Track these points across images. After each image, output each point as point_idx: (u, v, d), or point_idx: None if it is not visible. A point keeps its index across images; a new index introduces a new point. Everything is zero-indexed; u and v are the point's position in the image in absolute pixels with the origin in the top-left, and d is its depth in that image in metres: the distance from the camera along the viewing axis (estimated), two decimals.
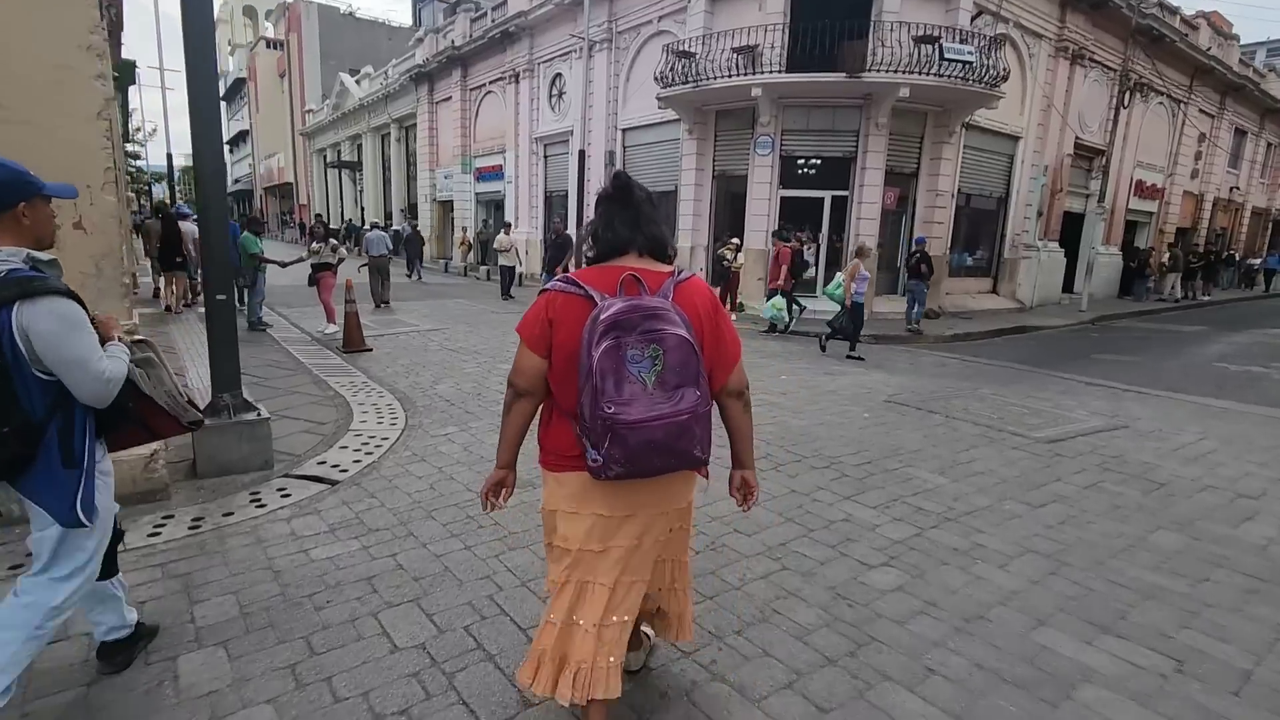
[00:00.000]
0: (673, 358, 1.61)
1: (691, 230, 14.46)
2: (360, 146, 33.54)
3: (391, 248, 14.52)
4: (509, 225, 16.54)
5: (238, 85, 62.56)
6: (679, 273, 1.80)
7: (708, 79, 12.60)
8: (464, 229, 23.08)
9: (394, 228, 25.90)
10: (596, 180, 16.84)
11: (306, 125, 41.67)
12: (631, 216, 1.80)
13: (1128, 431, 5.68)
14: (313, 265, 9.20)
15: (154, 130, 47.35)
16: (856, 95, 12.37)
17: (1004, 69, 12.32)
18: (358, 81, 33.51)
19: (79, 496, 1.88)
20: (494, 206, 23.81)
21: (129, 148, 47.88)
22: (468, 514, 3.58)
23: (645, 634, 2.25)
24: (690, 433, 1.64)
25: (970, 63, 11.77)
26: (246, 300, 9.40)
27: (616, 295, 1.66)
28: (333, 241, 9.21)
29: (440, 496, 3.83)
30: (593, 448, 1.65)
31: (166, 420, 2.14)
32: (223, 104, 70.87)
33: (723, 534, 3.41)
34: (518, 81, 20.09)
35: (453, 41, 22.66)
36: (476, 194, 23.75)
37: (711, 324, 1.79)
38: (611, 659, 1.81)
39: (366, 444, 4.72)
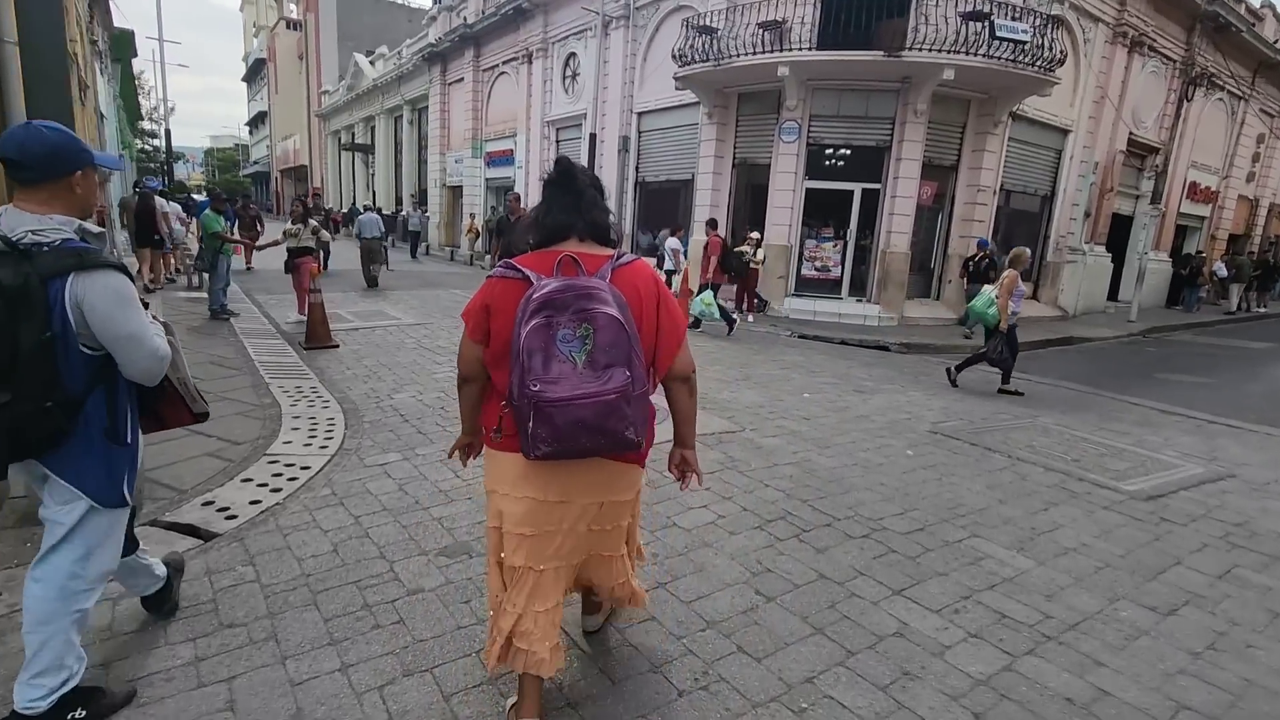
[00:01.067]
0: (603, 337, 1.60)
1: (703, 210, 13.33)
2: (373, 129, 32.71)
3: (384, 230, 13.93)
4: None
5: (258, 66, 62.14)
6: (620, 256, 1.79)
7: (730, 57, 11.48)
8: (471, 215, 22.13)
9: (402, 214, 25.08)
10: (610, 168, 15.79)
11: (322, 106, 40.95)
12: (573, 202, 1.79)
13: (1237, 483, 4.56)
14: (289, 250, 8.25)
15: (173, 108, 46.61)
16: (893, 78, 11.19)
17: (1060, 51, 11.07)
18: (372, 62, 32.67)
19: (126, 476, 1.91)
20: (504, 193, 22.82)
21: (145, 125, 47.66)
22: (366, 600, 2.57)
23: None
24: (619, 413, 1.61)
25: (1024, 43, 10.54)
26: (208, 285, 8.51)
27: (553, 275, 1.67)
28: (313, 223, 8.24)
29: (342, 566, 2.82)
30: (522, 428, 1.65)
31: (180, 408, 2.08)
32: (244, 85, 70.80)
33: (722, 656, 2.37)
34: (530, 62, 19.06)
35: (465, 19, 21.65)
36: (487, 179, 22.78)
37: (653, 307, 1.79)
38: (547, 644, 1.84)
39: (279, 475, 3.73)
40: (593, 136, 14.08)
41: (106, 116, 15.14)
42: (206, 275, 8.42)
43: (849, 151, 12.16)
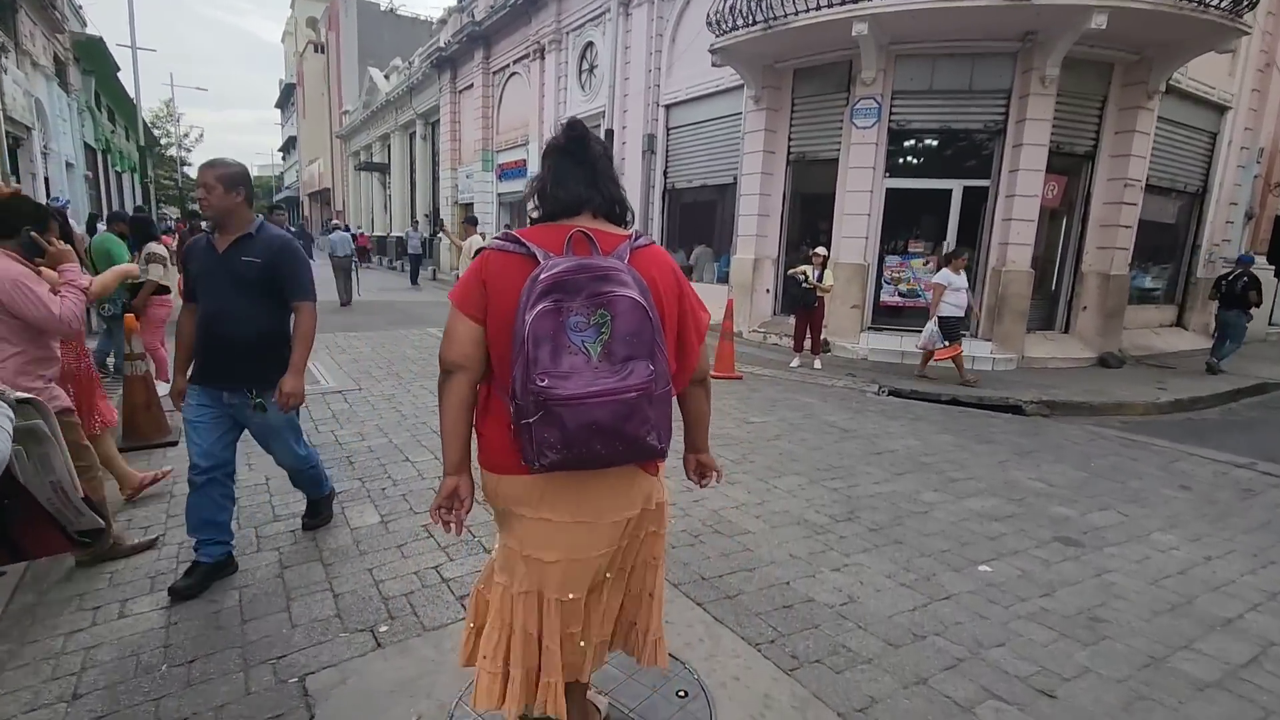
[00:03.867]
0: (622, 324, 1.32)
1: (756, 236, 10.45)
2: (389, 147, 30.82)
3: (353, 250, 12.39)
4: (475, 221, 12.97)
5: (289, 91, 61.86)
6: (637, 237, 1.51)
7: (785, 16, 8.64)
8: (481, 234, 19.62)
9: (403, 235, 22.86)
10: (633, 173, 13.06)
11: (342, 127, 39.51)
12: (587, 173, 1.51)
13: None
14: (128, 287, 5.63)
15: (201, 135, 46.02)
16: (1012, 34, 8.20)
17: None
18: (387, 76, 30.89)
19: None
20: (517, 210, 20.32)
21: (173, 153, 47.03)
22: None
23: (595, 705, 1.97)
24: (641, 414, 1.34)
25: None
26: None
27: (563, 254, 1.38)
28: (153, 250, 5.59)
29: None
30: (524, 431, 1.36)
31: (45, 530, 1.52)
32: (277, 111, 70.88)
33: None
34: (543, 57, 16.56)
35: (473, 15, 19.36)
36: (498, 194, 20.34)
37: (673, 299, 1.51)
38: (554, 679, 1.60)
39: None
40: (609, 134, 11.40)
41: (38, 127, 12.99)
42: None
43: (946, 138, 9.16)
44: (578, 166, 1.51)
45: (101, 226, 13.17)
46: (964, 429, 5.96)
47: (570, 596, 1.56)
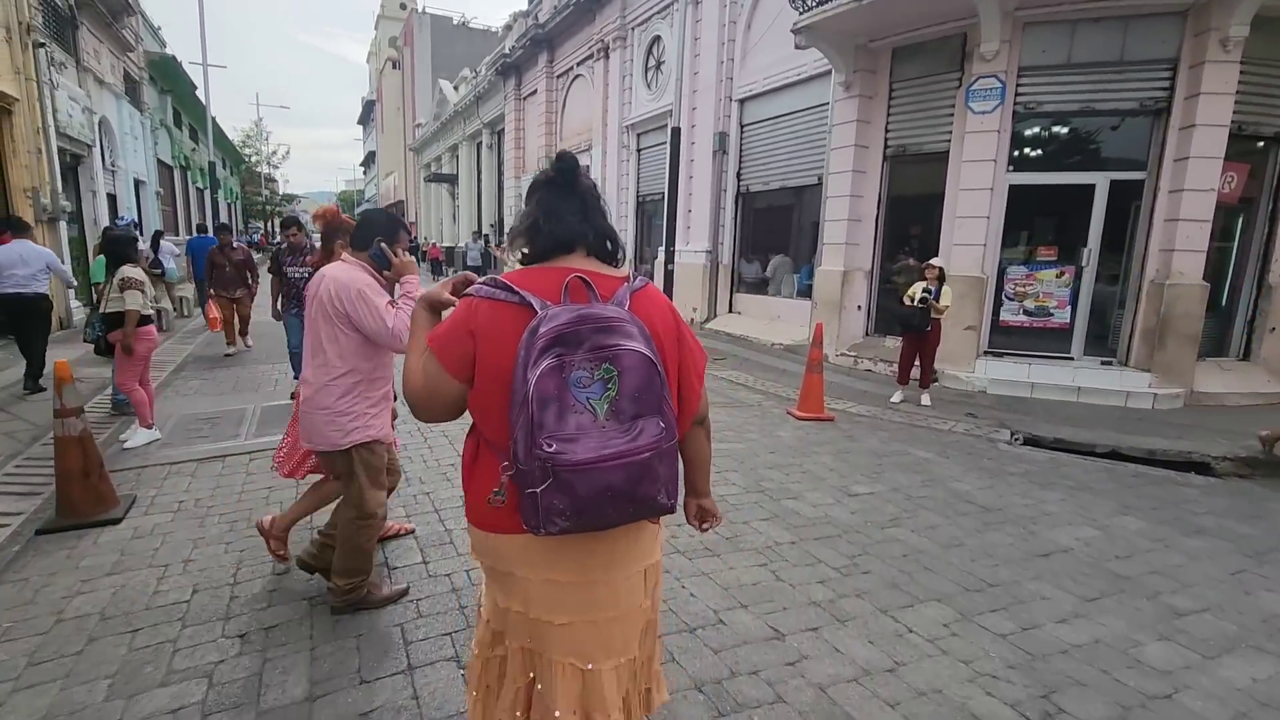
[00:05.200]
0: (630, 381, 1.21)
1: (845, 244, 8.99)
2: (457, 158, 30.73)
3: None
4: (485, 237, 11.68)
5: (369, 108, 63.94)
6: (634, 278, 1.38)
7: None
8: None
9: (459, 247, 22.35)
10: (702, 175, 11.85)
11: (415, 140, 40.03)
12: (579, 206, 1.39)
13: None
14: (103, 317, 4.81)
15: (287, 153, 47.78)
16: None
17: None
18: (455, 87, 30.83)
19: None
20: None
21: (265, 170, 49.13)
22: None
23: None
24: (653, 474, 1.23)
25: None
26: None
27: (561, 302, 1.26)
28: (128, 275, 4.75)
29: None
30: (528, 498, 1.21)
31: None
32: (359, 127, 73.54)
33: None
34: (607, 56, 15.57)
35: (537, 18, 18.62)
36: None
37: (673, 341, 1.38)
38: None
39: None
40: (675, 132, 10.21)
41: (106, 145, 12.94)
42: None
43: (1087, 122, 7.47)
44: (569, 199, 1.39)
45: (164, 244, 13.04)
46: (1149, 505, 4.39)
47: (590, 667, 1.37)
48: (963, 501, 4.30)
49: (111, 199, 13.40)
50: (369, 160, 68.30)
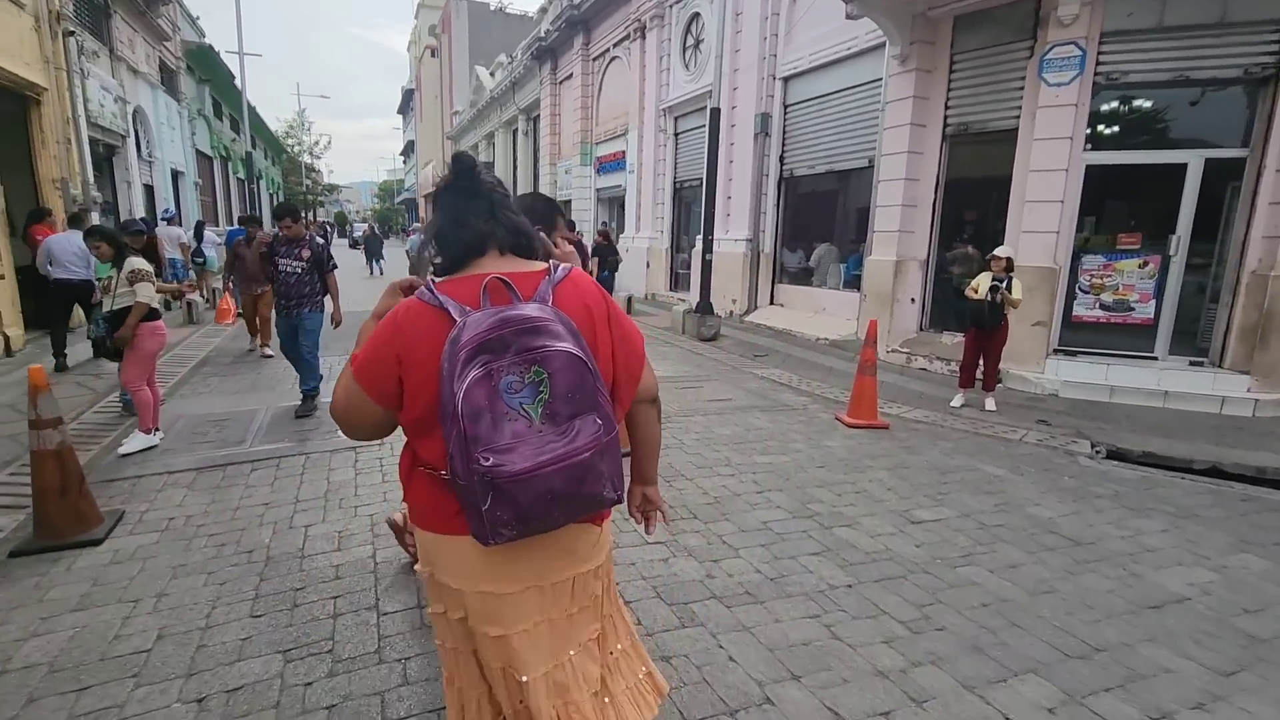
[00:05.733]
0: (561, 381, 1.17)
1: (899, 232, 8.32)
2: (493, 145, 30.50)
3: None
4: (572, 224, 11.16)
5: (408, 96, 64.27)
6: (555, 269, 1.33)
7: None
8: (580, 234, 18.38)
9: None
10: (743, 159, 11.25)
11: (452, 128, 39.98)
12: (484, 206, 1.34)
13: None
14: (105, 318, 4.52)
15: (329, 143, 48.26)
16: None
17: None
18: (492, 74, 30.51)
19: None
20: (616, 205, 18.95)
21: (306, 160, 49.82)
22: None
23: None
24: (596, 472, 1.20)
25: None
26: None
27: (480, 307, 1.21)
28: (136, 267, 4.46)
29: None
30: (473, 511, 1.18)
31: None
32: (399, 116, 74.16)
33: None
34: (644, 35, 14.98)
35: (573, 0, 18.09)
36: (597, 190, 19.08)
37: (605, 325, 1.34)
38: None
39: None
40: (715, 113, 9.62)
41: (142, 135, 12.94)
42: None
43: (1181, 94, 6.65)
44: (473, 200, 1.34)
45: (207, 234, 13.01)
46: (1270, 538, 3.73)
47: (524, 679, 1.34)
48: (1046, 532, 3.71)
49: (148, 190, 13.43)
50: (408, 150, 68.79)
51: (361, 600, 2.81)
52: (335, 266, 5.76)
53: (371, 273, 21.37)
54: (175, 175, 15.24)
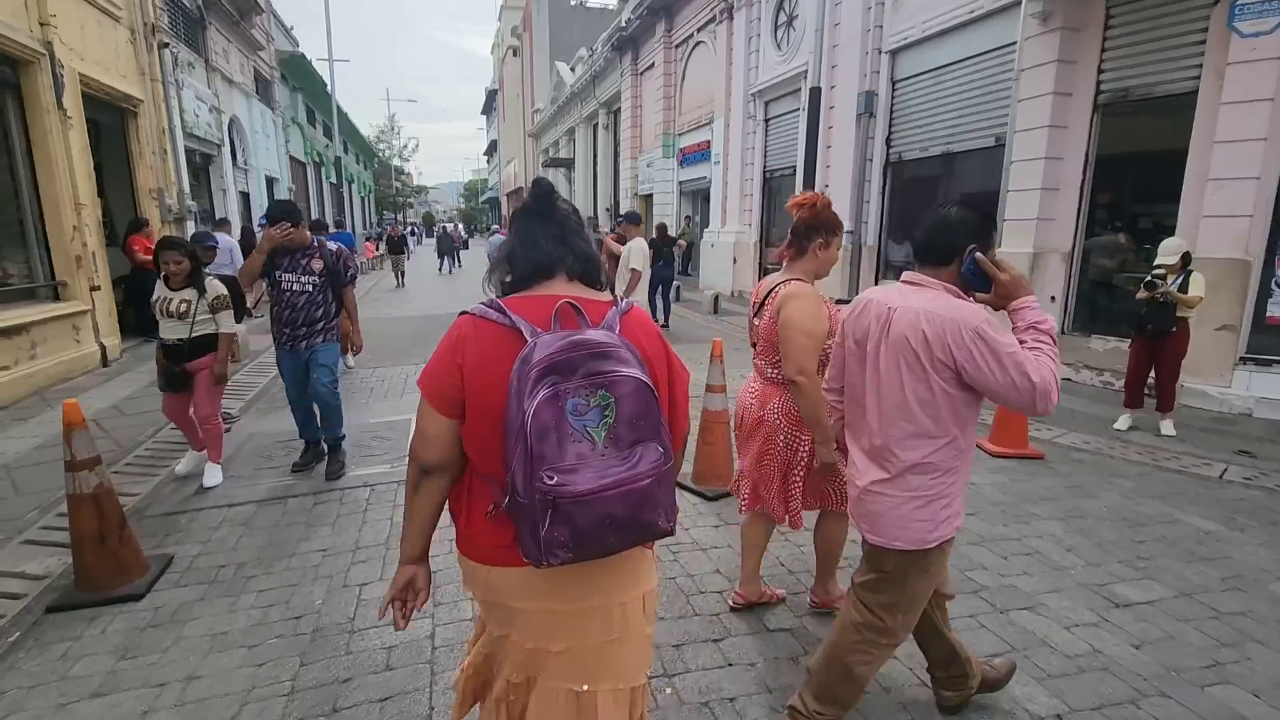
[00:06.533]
0: (627, 407, 1.18)
1: (1037, 220, 7.19)
2: (574, 141, 30.32)
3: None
4: (638, 219, 8.47)
5: (491, 97, 65.54)
6: (620, 301, 1.37)
7: None
8: (659, 227, 17.70)
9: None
10: (843, 144, 10.31)
11: (534, 125, 40.22)
12: (556, 231, 1.37)
13: None
14: (172, 344, 4.17)
15: (416, 145, 49.71)
16: None
17: None
18: (572, 69, 30.30)
19: None
20: (700, 198, 18.17)
21: (396, 163, 51.61)
22: None
23: None
24: (653, 500, 1.19)
25: None
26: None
27: (551, 329, 1.23)
28: (220, 293, 4.05)
29: None
30: (529, 530, 1.16)
31: None
32: (482, 117, 75.89)
33: None
34: (731, 16, 14.11)
35: None
36: (679, 182, 18.35)
37: (663, 364, 1.37)
38: None
39: None
40: (815, 93, 8.69)
41: (238, 144, 13.25)
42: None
43: None
44: (546, 224, 1.38)
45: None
46: None
47: (584, 688, 1.34)
48: None
49: (244, 196, 13.78)
50: (491, 149, 70.27)
51: (413, 708, 2.25)
52: (354, 278, 4.51)
53: (441, 270, 21.63)
54: (270, 182, 15.66)
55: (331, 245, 4.41)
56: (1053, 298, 7.23)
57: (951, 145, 8.88)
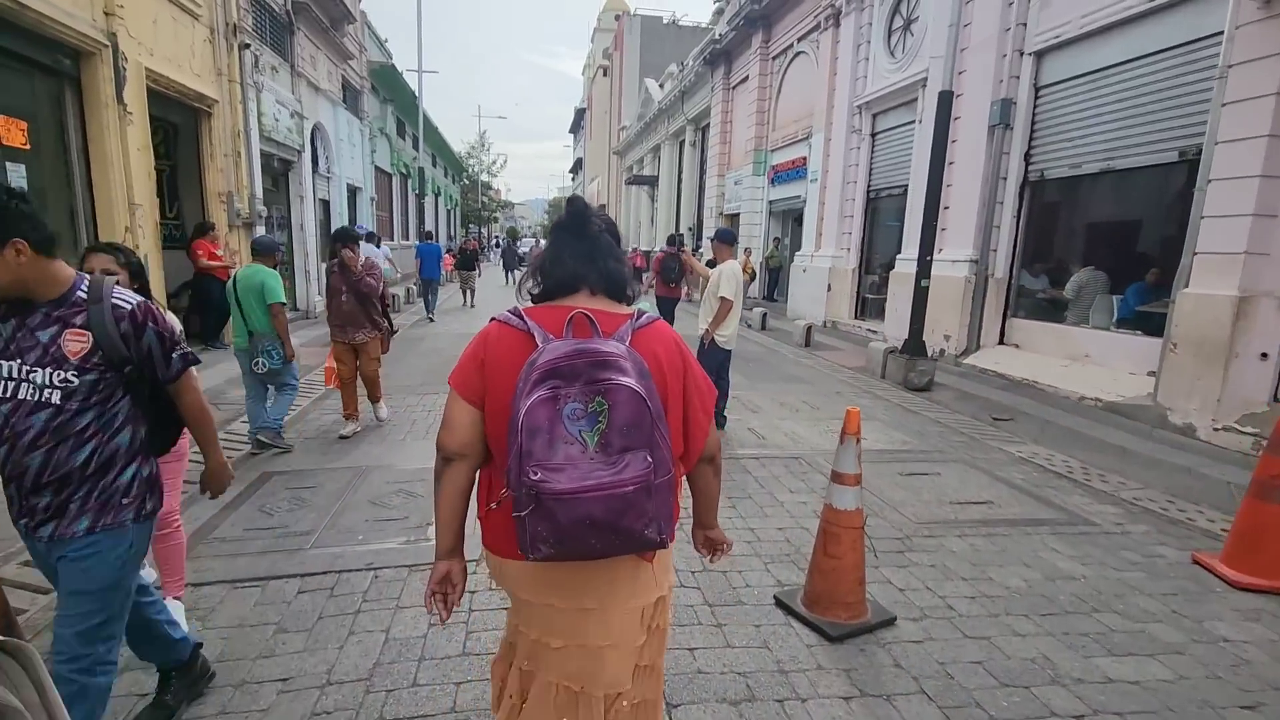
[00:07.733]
0: (620, 414, 1.24)
1: (1245, 254, 5.61)
2: (659, 159, 29.64)
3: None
4: (733, 238, 6.93)
5: (579, 116, 66.31)
6: (639, 315, 1.45)
7: None
8: (747, 251, 16.57)
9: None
10: (967, 159, 8.93)
11: (619, 143, 39.98)
12: (586, 249, 1.46)
13: None
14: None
15: (504, 162, 50.56)
16: None
17: None
18: (661, 85, 29.73)
19: None
20: (791, 219, 16.93)
21: (484, 178, 52.61)
22: None
23: None
24: (638, 509, 1.24)
25: None
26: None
27: (563, 336, 1.34)
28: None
29: None
30: (519, 522, 1.26)
31: None
32: (570, 136, 77.03)
33: None
34: (838, 24, 12.94)
35: None
36: (769, 201, 17.17)
37: (678, 378, 1.44)
38: None
39: None
40: (945, 97, 7.41)
41: (321, 151, 13.07)
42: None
43: None
44: (577, 242, 1.46)
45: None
46: None
47: (580, 688, 1.43)
48: None
49: (324, 205, 13.60)
50: (577, 167, 71.09)
51: None
52: (188, 361, 2.59)
53: (507, 282, 22.44)
54: (352, 191, 15.55)
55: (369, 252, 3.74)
56: (1264, 354, 5.63)
57: (1114, 161, 7.36)
